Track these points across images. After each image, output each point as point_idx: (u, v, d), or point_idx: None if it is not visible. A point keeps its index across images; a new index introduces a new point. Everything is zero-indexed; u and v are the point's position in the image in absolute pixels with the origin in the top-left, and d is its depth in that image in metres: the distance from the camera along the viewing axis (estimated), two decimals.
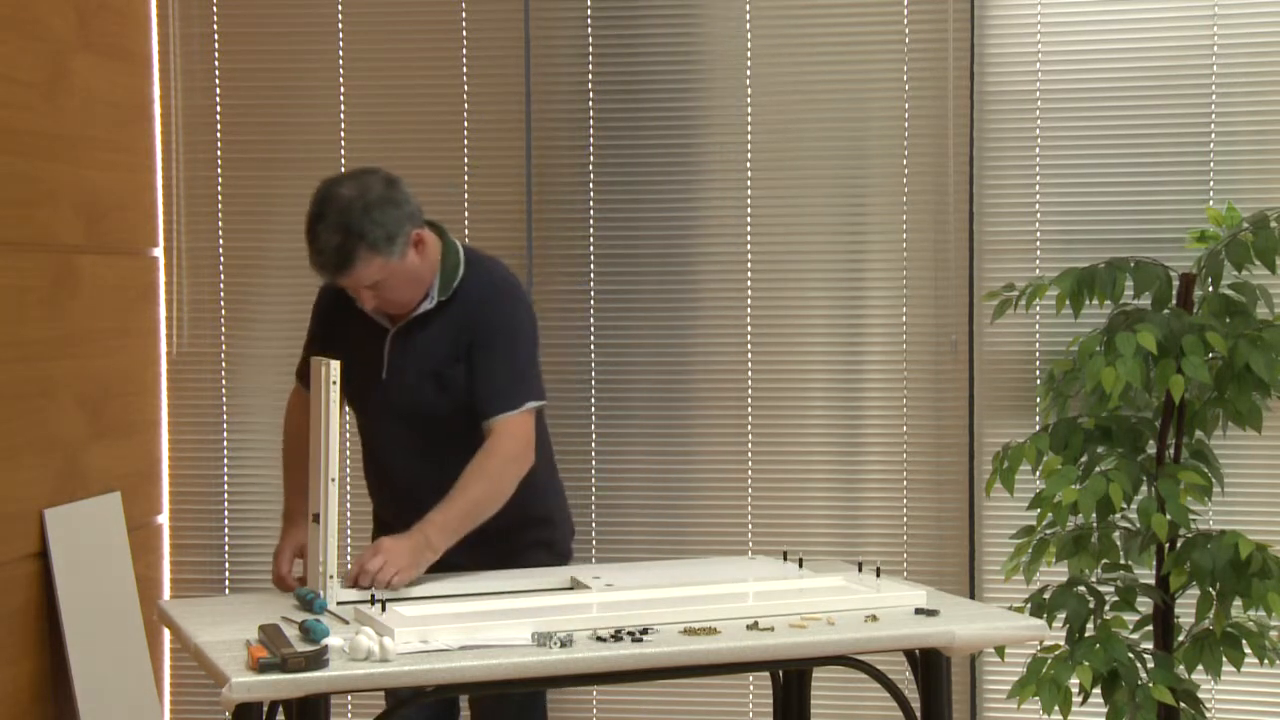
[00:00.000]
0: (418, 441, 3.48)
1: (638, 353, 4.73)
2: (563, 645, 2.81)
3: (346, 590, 3.18)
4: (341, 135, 4.80)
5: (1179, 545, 4.14)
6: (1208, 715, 4.29)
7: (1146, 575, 4.25)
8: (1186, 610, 4.22)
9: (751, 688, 4.69)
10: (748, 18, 4.66)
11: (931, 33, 4.57)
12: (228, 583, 4.89)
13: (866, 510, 4.68)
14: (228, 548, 4.89)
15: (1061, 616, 4.13)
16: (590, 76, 4.72)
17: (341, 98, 4.80)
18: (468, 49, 4.76)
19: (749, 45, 4.67)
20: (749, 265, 4.70)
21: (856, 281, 4.67)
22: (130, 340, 4.66)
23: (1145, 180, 4.50)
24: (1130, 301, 4.23)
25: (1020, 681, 4.10)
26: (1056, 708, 4.02)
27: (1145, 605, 4.25)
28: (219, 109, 4.84)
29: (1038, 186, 4.56)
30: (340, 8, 4.79)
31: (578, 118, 4.73)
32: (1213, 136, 4.45)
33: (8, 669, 3.91)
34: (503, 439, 3.38)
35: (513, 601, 3.17)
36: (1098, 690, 4.05)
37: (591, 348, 4.74)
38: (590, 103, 4.72)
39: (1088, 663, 4.00)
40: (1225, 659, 4.10)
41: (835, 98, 4.64)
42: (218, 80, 4.83)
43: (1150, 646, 4.21)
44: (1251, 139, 4.44)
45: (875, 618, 3.06)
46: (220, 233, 4.86)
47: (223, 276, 4.86)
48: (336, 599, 3.14)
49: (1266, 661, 4.11)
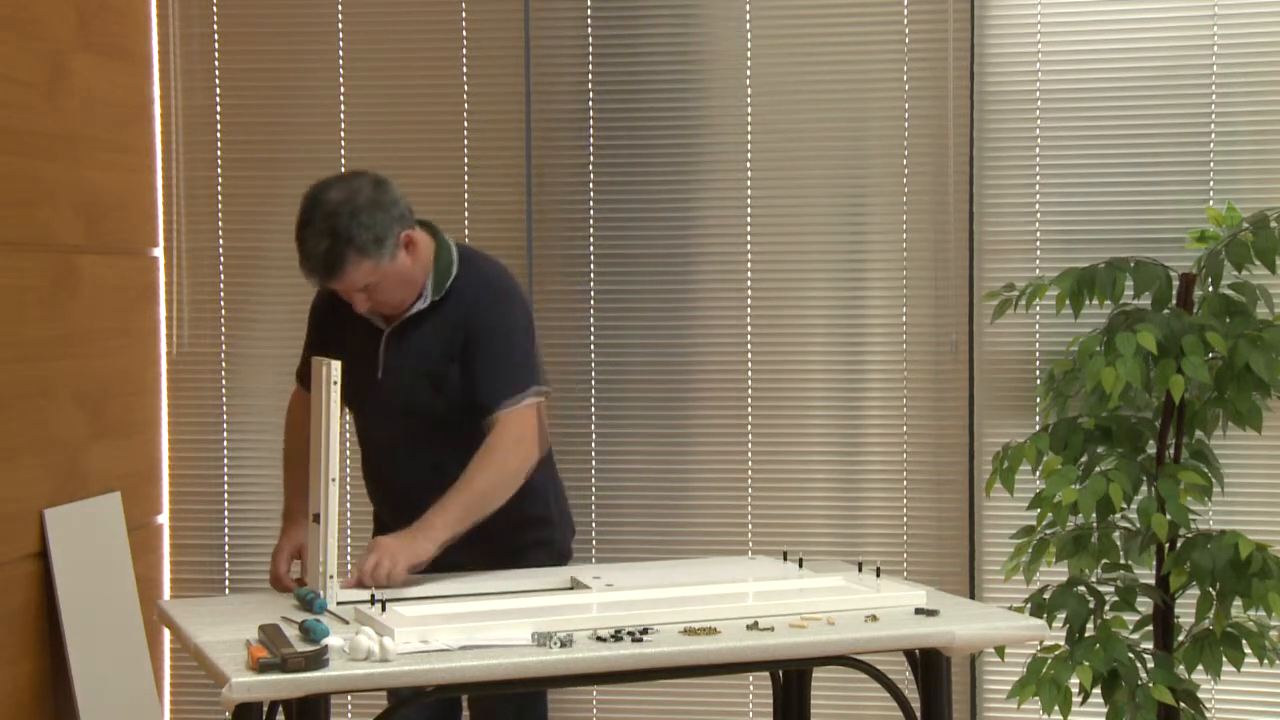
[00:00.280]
0: (414, 441, 3.48)
1: (638, 353, 4.73)
2: (563, 645, 2.81)
3: (347, 590, 3.18)
4: (341, 135, 4.80)
5: (1179, 545, 4.14)
6: (1208, 715, 4.29)
7: (1146, 575, 4.25)
8: (1186, 610, 4.22)
9: (751, 688, 4.69)
10: (748, 18, 4.66)
11: (931, 33, 4.57)
12: (228, 583, 4.89)
13: (866, 510, 4.68)
14: (228, 548, 4.89)
15: (1061, 616, 4.13)
16: (590, 76, 4.72)
17: (341, 98, 4.80)
18: (468, 49, 4.76)
19: (749, 45, 4.67)
20: (749, 265, 4.70)
21: (856, 281, 4.67)
22: (130, 340, 4.66)
23: (1145, 180, 4.50)
24: (1130, 301, 4.23)
25: (1020, 681, 4.10)
26: (1056, 708, 4.02)
27: (1145, 605, 4.25)
28: (219, 109, 4.84)
29: (1038, 186, 4.56)
30: (340, 8, 4.79)
31: (578, 118, 4.73)
32: (1213, 136, 4.45)
33: (8, 669, 3.91)
34: (506, 431, 3.37)
35: (513, 601, 3.16)
36: (1098, 690, 4.05)
37: (591, 348, 4.74)
38: (590, 103, 4.72)
39: (1088, 663, 4.00)
40: (1225, 659, 4.10)
41: (835, 98, 4.64)
42: (218, 80, 4.83)
43: (1150, 646, 4.21)
44: (1251, 139, 4.44)
45: (875, 618, 3.06)
46: (220, 233, 4.86)
47: (223, 276, 4.86)
48: (336, 599, 3.15)
49: (1266, 661, 4.11)
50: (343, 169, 4.77)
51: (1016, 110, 4.55)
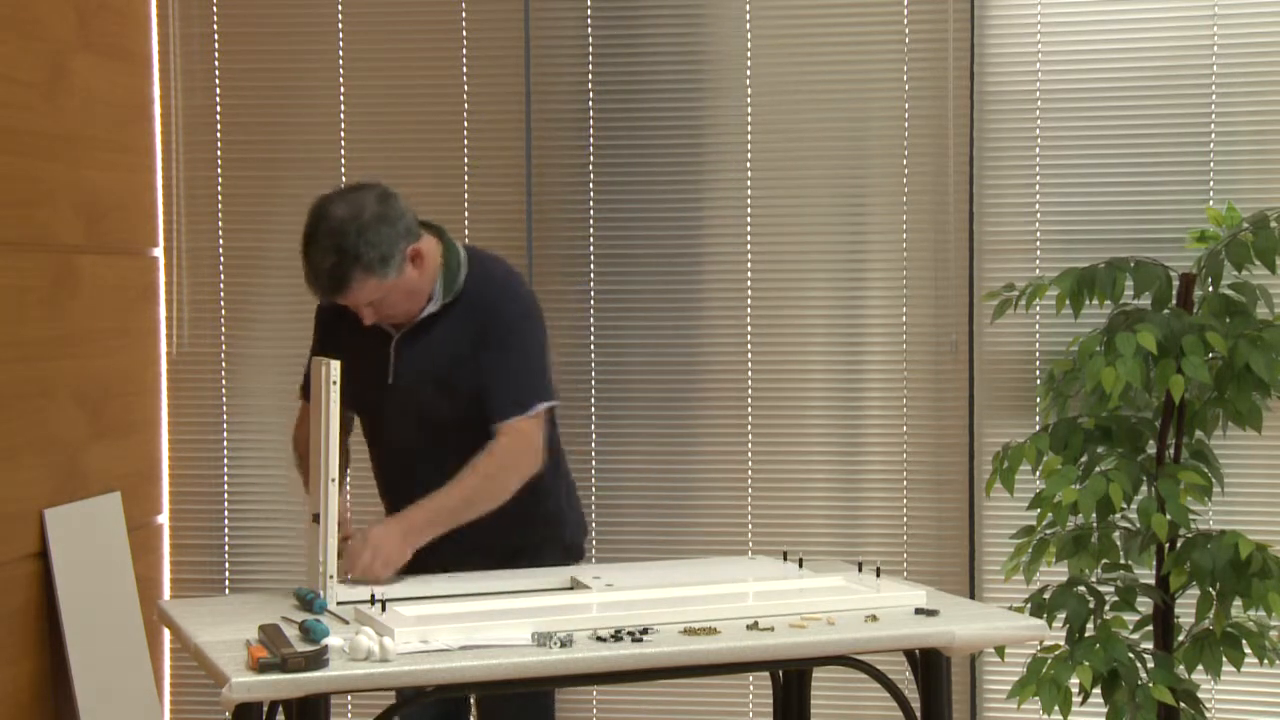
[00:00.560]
0: (426, 445, 3.46)
1: (638, 353, 4.73)
2: (563, 645, 2.81)
3: (347, 590, 3.18)
4: (341, 135, 4.80)
5: (1179, 545, 4.14)
6: (1208, 715, 4.29)
7: (1146, 575, 4.25)
8: (1186, 610, 4.22)
9: (751, 688, 4.69)
10: (748, 18, 4.66)
11: (931, 33, 4.57)
12: (228, 583, 4.89)
13: (866, 510, 4.68)
14: (228, 548, 4.89)
15: (1061, 616, 4.13)
16: (590, 76, 4.72)
17: (341, 98, 4.80)
18: (468, 49, 4.76)
19: (749, 45, 4.67)
20: (749, 265, 4.70)
21: (856, 281, 4.67)
22: (130, 340, 4.66)
23: (1145, 180, 4.50)
24: (1130, 301, 4.23)
25: (1020, 681, 4.10)
26: (1056, 708, 4.02)
27: (1145, 605, 4.25)
28: (219, 109, 4.84)
29: (1038, 186, 4.56)
30: (340, 8, 4.79)
31: (578, 118, 4.73)
32: (1213, 136, 4.45)
33: (8, 669, 3.91)
34: (506, 442, 3.36)
35: (513, 601, 3.16)
36: (1098, 690, 4.05)
37: (591, 348, 4.74)
38: (590, 103, 4.72)
39: (1088, 663, 4.00)
40: (1225, 659, 4.10)
41: (835, 98, 4.64)
42: (218, 80, 4.83)
43: (1150, 646, 4.21)
44: (1251, 139, 4.44)
45: (875, 618, 3.06)
46: (220, 233, 4.86)
47: (223, 276, 4.86)
48: (336, 599, 3.15)
49: (1266, 661, 4.11)
50: (343, 169, 4.77)
51: (1016, 110, 4.55)
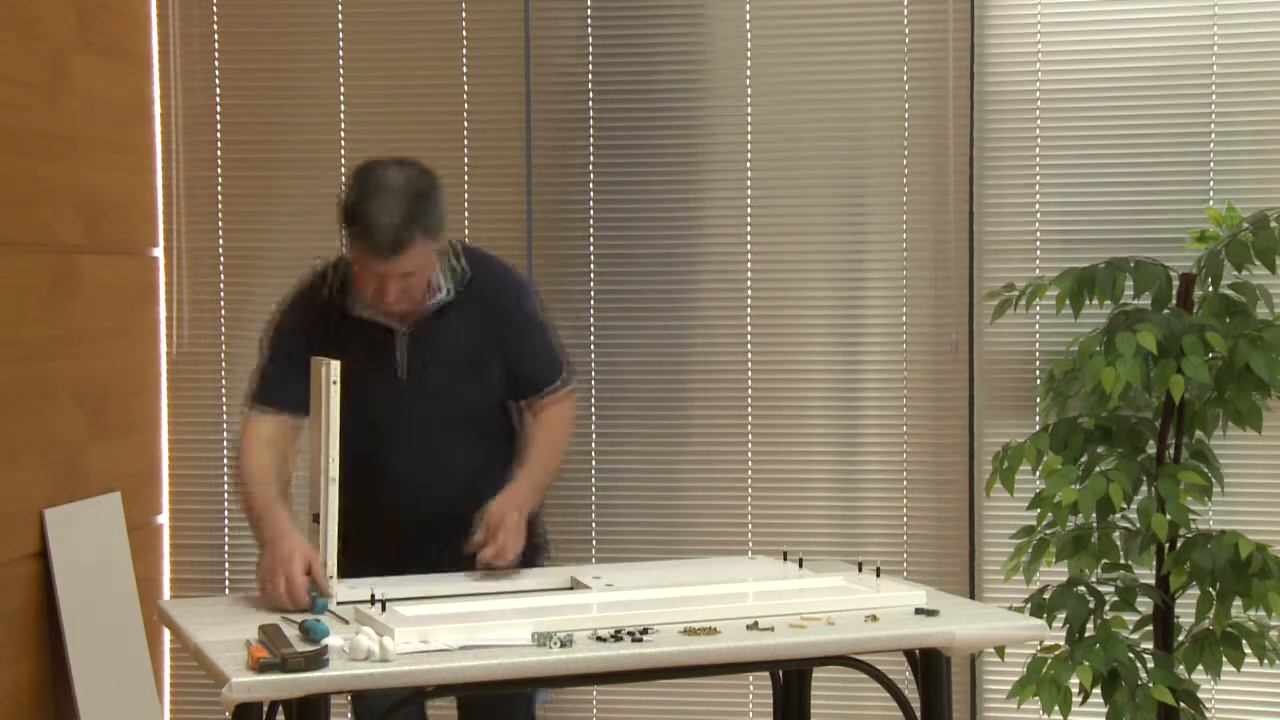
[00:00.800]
0: (441, 443, 3.45)
1: (637, 353, 4.73)
2: (563, 645, 2.81)
3: (347, 590, 3.18)
4: (341, 135, 4.80)
5: (1179, 545, 4.14)
6: (1208, 715, 4.29)
7: (1146, 575, 4.25)
8: (1186, 610, 4.22)
9: (751, 688, 4.69)
10: (748, 18, 4.66)
11: (931, 33, 4.57)
12: (228, 583, 4.89)
13: (866, 510, 4.68)
14: (228, 548, 4.89)
15: (1061, 616, 4.13)
16: (590, 76, 4.72)
17: (341, 98, 4.80)
18: (468, 49, 4.76)
19: (749, 45, 4.67)
20: (749, 265, 4.70)
21: (856, 281, 4.67)
22: (130, 340, 4.66)
23: (1145, 180, 4.50)
24: (1130, 301, 4.23)
25: (1020, 681, 4.10)
26: (1056, 708, 4.02)
27: (1145, 605, 4.25)
28: (219, 109, 4.84)
29: (1038, 186, 4.56)
30: (340, 8, 4.79)
31: (578, 118, 4.73)
32: (1213, 136, 4.45)
33: (8, 669, 3.91)
34: (559, 410, 3.57)
35: (513, 601, 3.17)
36: (1098, 690, 4.05)
37: (591, 348, 4.74)
38: (590, 103, 4.72)
39: (1088, 663, 4.00)
40: (1225, 659, 4.10)
41: (835, 98, 4.64)
42: (218, 80, 4.83)
43: (1150, 646, 4.21)
44: (1251, 139, 4.44)
45: (875, 618, 3.06)
46: (220, 233, 4.85)
47: (223, 276, 4.86)
48: (336, 599, 3.15)
49: (1266, 661, 4.11)
50: (343, 169, 4.77)
51: (1016, 110, 4.55)
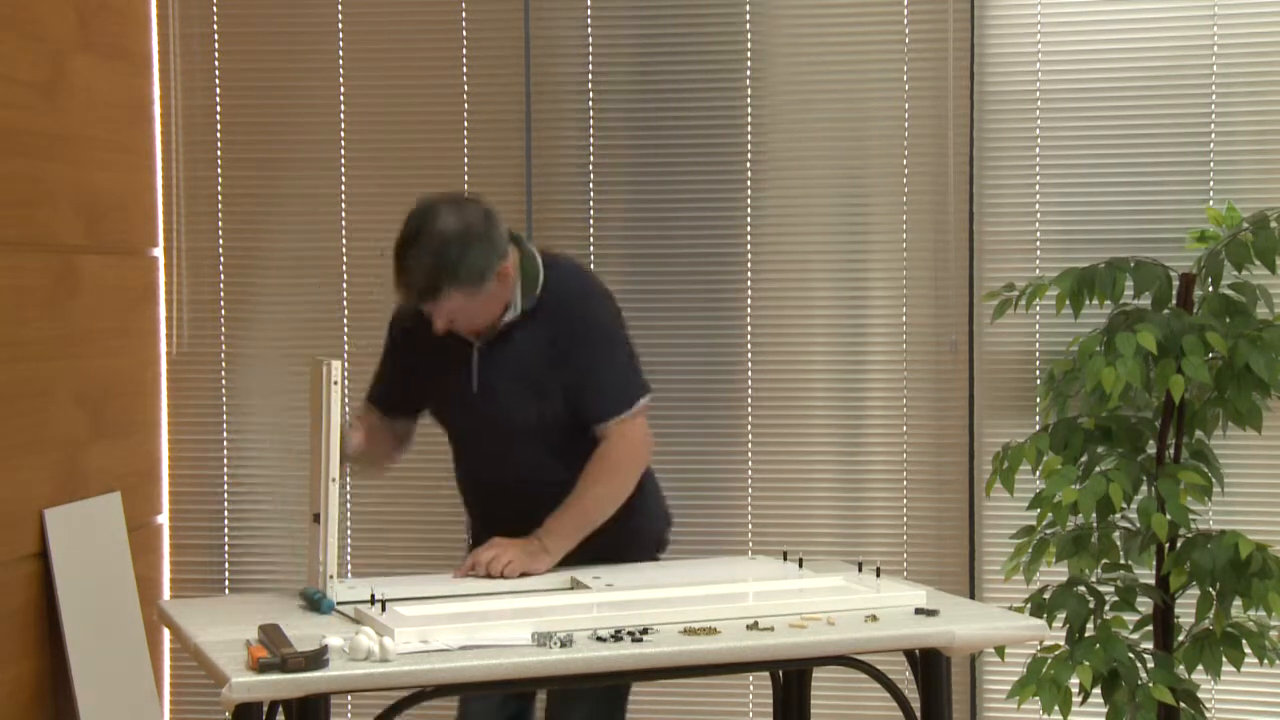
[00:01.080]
0: (516, 449, 3.46)
1: (637, 352, 4.71)
2: (563, 645, 2.81)
3: (347, 590, 3.18)
4: (341, 135, 4.80)
5: (1179, 545, 4.14)
6: (1208, 715, 4.29)
7: (1146, 575, 4.25)
8: (1186, 610, 4.22)
9: (751, 688, 4.69)
10: (748, 18, 4.66)
11: (931, 33, 4.57)
12: (228, 583, 4.89)
13: (867, 510, 4.68)
14: (228, 548, 4.89)
15: (1061, 616, 4.13)
16: (590, 76, 4.72)
17: (341, 98, 4.80)
18: (468, 49, 4.76)
19: (749, 45, 4.67)
20: (749, 265, 4.70)
21: (857, 281, 4.67)
22: (130, 340, 4.66)
23: (1145, 180, 4.50)
24: (1130, 301, 4.23)
25: (1020, 681, 4.10)
26: (1056, 708, 4.02)
27: (1145, 605, 4.25)
28: (219, 109, 4.84)
29: (1038, 186, 4.56)
30: (340, 8, 4.79)
31: (578, 118, 4.73)
32: (1213, 136, 4.45)
33: (8, 669, 3.91)
34: (617, 443, 3.42)
35: (513, 601, 3.17)
36: (1098, 690, 4.05)
37: None
38: (590, 103, 4.72)
39: (1088, 663, 4.00)
40: (1225, 659, 4.10)
41: (835, 98, 4.64)
42: (218, 80, 4.83)
43: (1150, 646, 4.21)
44: (1251, 139, 4.44)
45: (875, 618, 3.06)
46: (220, 233, 4.85)
47: (223, 276, 4.86)
48: (338, 599, 3.15)
49: (1266, 661, 4.11)
50: (342, 169, 4.78)
51: (1016, 110, 4.55)
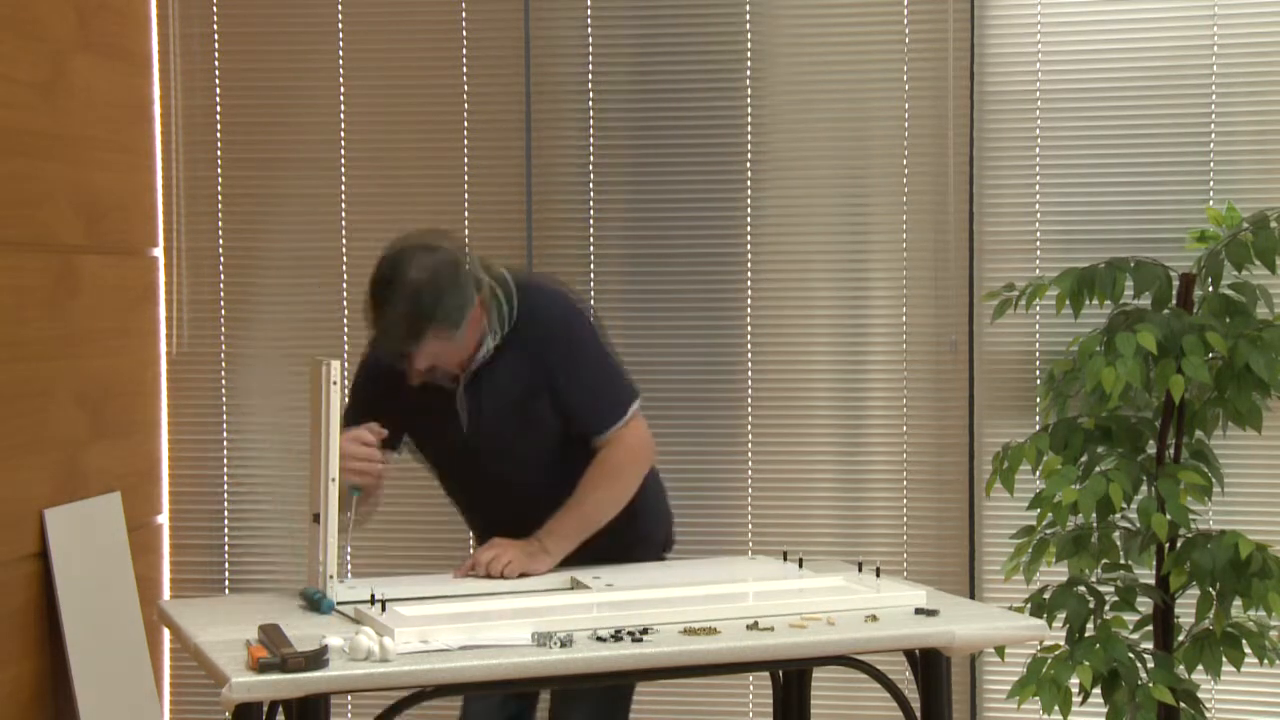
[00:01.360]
0: (520, 475, 3.47)
1: (638, 353, 4.71)
2: (563, 645, 2.81)
3: (347, 590, 3.18)
4: (341, 135, 4.80)
5: (1179, 545, 4.14)
6: (1208, 715, 4.29)
7: (1146, 575, 4.25)
8: (1186, 610, 4.22)
9: (751, 688, 4.69)
10: (748, 18, 4.66)
11: (931, 33, 4.57)
12: (228, 583, 4.89)
13: (867, 510, 4.68)
14: (228, 548, 4.89)
15: (1061, 616, 4.13)
16: (590, 76, 4.72)
17: (341, 98, 4.80)
18: (468, 49, 4.76)
19: (749, 45, 4.67)
20: (749, 265, 4.70)
21: (857, 281, 4.67)
22: (130, 340, 4.66)
23: (1145, 180, 4.50)
24: (1130, 301, 4.23)
25: (1020, 681, 4.10)
26: (1056, 708, 4.02)
27: (1145, 605, 4.25)
28: (219, 109, 4.84)
29: (1038, 186, 4.56)
30: (340, 8, 4.79)
31: (578, 118, 4.73)
32: (1213, 136, 4.45)
33: (8, 669, 3.91)
34: (617, 448, 3.43)
35: (513, 601, 3.17)
36: (1098, 690, 4.05)
37: None
38: (590, 103, 4.72)
39: (1088, 663, 4.00)
40: (1225, 659, 4.10)
41: (835, 98, 4.64)
42: (218, 80, 4.83)
43: (1150, 646, 4.21)
44: (1251, 139, 4.44)
45: (875, 618, 3.06)
46: (220, 233, 4.85)
47: (223, 276, 4.86)
48: (338, 599, 3.15)
49: (1266, 661, 4.11)
50: (342, 169, 4.77)
51: (1016, 110, 4.55)
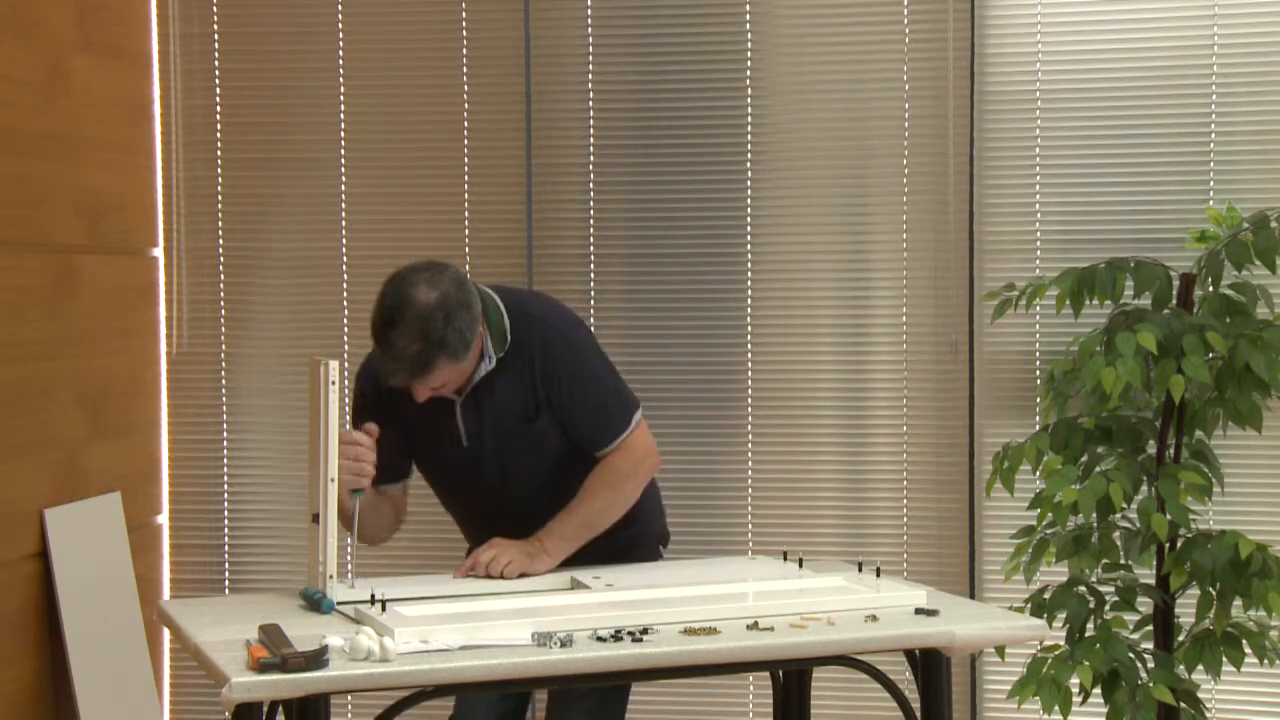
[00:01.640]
0: (520, 489, 3.48)
1: (637, 353, 4.72)
2: (563, 645, 2.81)
3: (346, 590, 3.18)
4: (341, 135, 4.80)
5: (1179, 545, 4.14)
6: (1208, 715, 4.29)
7: (1146, 575, 4.25)
8: (1186, 610, 4.22)
9: (751, 688, 4.68)
10: (748, 17, 4.66)
11: (931, 33, 4.57)
12: (228, 583, 4.89)
13: (867, 510, 4.68)
14: (228, 548, 4.89)
15: (1061, 616, 4.13)
16: (590, 76, 4.72)
17: (341, 98, 4.80)
18: (468, 49, 4.76)
19: (750, 45, 4.67)
20: (749, 265, 4.70)
21: (857, 281, 4.67)
22: (130, 340, 4.66)
23: (1145, 180, 4.50)
24: (1130, 301, 4.23)
25: (1020, 681, 4.10)
26: (1056, 708, 4.02)
27: (1145, 605, 4.25)
28: (219, 109, 4.84)
29: (1038, 186, 4.56)
30: (340, 8, 4.79)
31: (578, 118, 4.73)
32: (1213, 136, 4.45)
33: (8, 669, 3.91)
34: (621, 455, 3.46)
35: (513, 601, 3.17)
36: (1098, 690, 4.05)
37: None
38: (590, 103, 4.72)
39: (1088, 663, 4.00)
40: (1225, 659, 4.10)
41: (835, 97, 4.64)
42: (218, 80, 4.83)
43: (1150, 646, 4.21)
44: (1251, 139, 4.44)
45: (875, 618, 3.06)
46: (220, 233, 4.85)
47: (223, 276, 4.86)
48: (338, 599, 3.15)
49: (1266, 661, 4.11)
50: (342, 169, 4.77)
51: (1016, 110, 4.55)
